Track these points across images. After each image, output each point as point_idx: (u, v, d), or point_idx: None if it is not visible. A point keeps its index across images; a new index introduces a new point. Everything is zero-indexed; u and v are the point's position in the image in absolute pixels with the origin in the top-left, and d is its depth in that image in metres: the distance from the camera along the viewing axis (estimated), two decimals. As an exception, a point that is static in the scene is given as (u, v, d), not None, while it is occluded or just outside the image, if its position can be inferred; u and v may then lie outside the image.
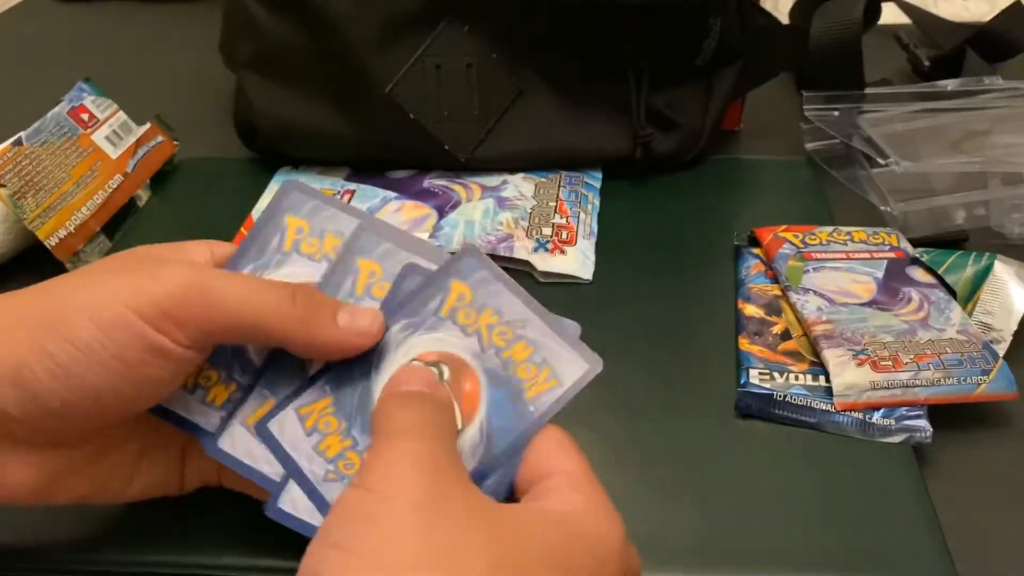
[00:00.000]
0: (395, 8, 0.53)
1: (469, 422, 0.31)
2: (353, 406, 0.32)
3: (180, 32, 0.85)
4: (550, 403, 0.31)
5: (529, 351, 0.32)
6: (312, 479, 0.31)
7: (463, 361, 0.32)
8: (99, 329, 0.28)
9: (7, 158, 0.50)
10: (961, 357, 0.41)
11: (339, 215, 0.34)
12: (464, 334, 0.32)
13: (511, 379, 0.31)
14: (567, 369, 0.31)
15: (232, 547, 0.35)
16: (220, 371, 0.33)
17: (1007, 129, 0.56)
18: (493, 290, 0.33)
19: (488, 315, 0.32)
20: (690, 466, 0.39)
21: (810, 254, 0.48)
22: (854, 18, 0.63)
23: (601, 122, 0.57)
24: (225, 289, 0.29)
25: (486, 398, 0.31)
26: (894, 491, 0.37)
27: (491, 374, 0.31)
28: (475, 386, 0.31)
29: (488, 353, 0.32)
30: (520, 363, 0.31)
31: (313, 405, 0.32)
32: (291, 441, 0.32)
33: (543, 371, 0.31)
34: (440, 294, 0.33)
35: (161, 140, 0.60)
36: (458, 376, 0.31)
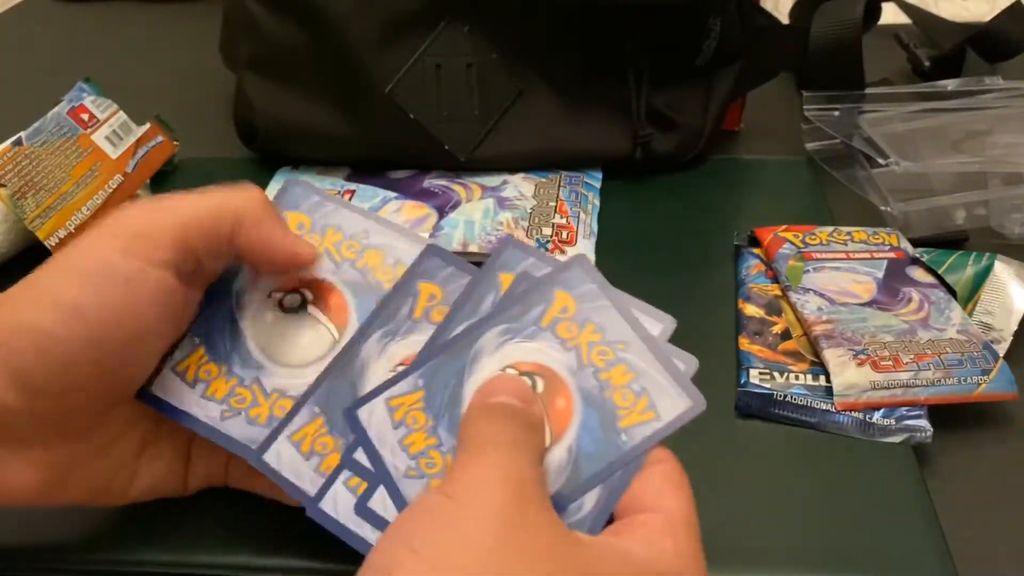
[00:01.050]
0: (395, 8, 0.53)
1: (558, 441, 0.29)
2: (443, 404, 0.31)
3: (180, 32, 0.85)
4: (644, 436, 0.29)
5: (629, 376, 0.30)
6: (393, 473, 0.30)
7: (558, 376, 0.30)
8: (76, 275, 0.29)
9: (7, 158, 0.50)
10: (961, 357, 0.41)
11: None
12: (563, 348, 0.31)
13: (606, 403, 0.30)
14: (667, 403, 0.30)
15: (233, 546, 0.35)
16: (220, 365, 0.33)
17: (1007, 129, 0.56)
18: (599, 306, 0.31)
19: (590, 331, 0.31)
20: (690, 466, 0.39)
21: (810, 254, 0.48)
22: (854, 18, 0.63)
23: (601, 122, 0.57)
24: (185, 198, 0.31)
25: (578, 419, 0.30)
26: (894, 491, 0.37)
27: (586, 394, 0.30)
28: (568, 404, 0.30)
29: (585, 371, 0.30)
30: (618, 388, 0.30)
31: (404, 397, 0.31)
32: (378, 431, 0.31)
33: (641, 400, 0.30)
34: (543, 303, 0.31)
35: (161, 140, 0.60)
36: (552, 391, 0.30)
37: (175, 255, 0.30)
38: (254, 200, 0.32)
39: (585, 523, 0.28)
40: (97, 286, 0.29)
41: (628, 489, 0.28)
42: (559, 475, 0.29)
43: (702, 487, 0.38)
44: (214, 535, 0.35)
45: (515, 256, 0.33)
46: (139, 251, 0.29)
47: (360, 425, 0.31)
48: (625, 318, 0.31)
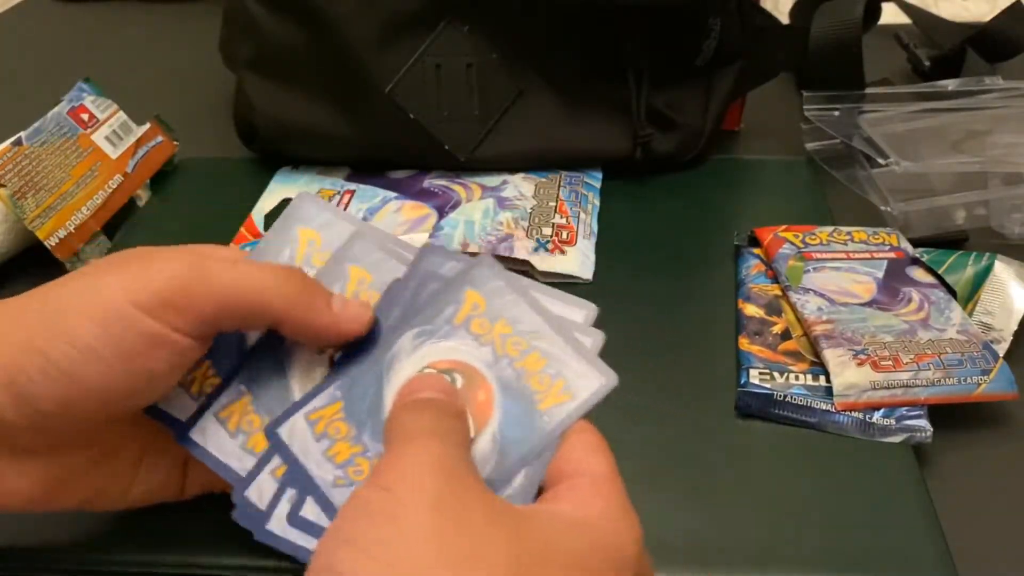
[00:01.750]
0: (395, 8, 0.53)
1: (481, 432, 0.30)
2: (364, 411, 0.31)
3: (180, 32, 0.85)
4: (563, 416, 0.30)
5: (543, 362, 0.31)
6: (321, 485, 0.31)
7: (476, 370, 0.31)
8: (96, 325, 0.28)
9: (7, 158, 0.50)
10: (961, 357, 0.41)
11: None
12: (478, 343, 0.32)
13: (524, 390, 0.31)
14: (581, 382, 0.31)
15: (233, 546, 0.35)
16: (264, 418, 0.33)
17: (1007, 129, 0.56)
18: (508, 300, 0.32)
19: (502, 325, 0.32)
20: (690, 466, 0.39)
21: (810, 254, 0.48)
22: (854, 18, 0.63)
23: (601, 122, 0.57)
24: (223, 270, 0.30)
25: (499, 408, 0.31)
26: (894, 491, 0.37)
27: (504, 384, 0.31)
28: (488, 396, 0.31)
29: (502, 363, 0.31)
30: (534, 374, 0.31)
31: (323, 410, 0.32)
32: (301, 446, 0.31)
33: (557, 383, 0.31)
34: (454, 303, 0.32)
35: (161, 140, 0.60)
36: (471, 385, 0.31)
37: (199, 328, 0.29)
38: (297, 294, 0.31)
39: (515, 498, 0.29)
40: (114, 338, 0.28)
41: (552, 460, 0.29)
42: (486, 462, 0.30)
43: (702, 487, 0.38)
44: (214, 535, 0.35)
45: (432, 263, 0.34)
46: (161, 316, 0.29)
47: (282, 442, 0.31)
48: (533, 308, 0.32)
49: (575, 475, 0.29)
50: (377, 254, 0.34)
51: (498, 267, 0.33)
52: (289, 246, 0.34)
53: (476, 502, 0.25)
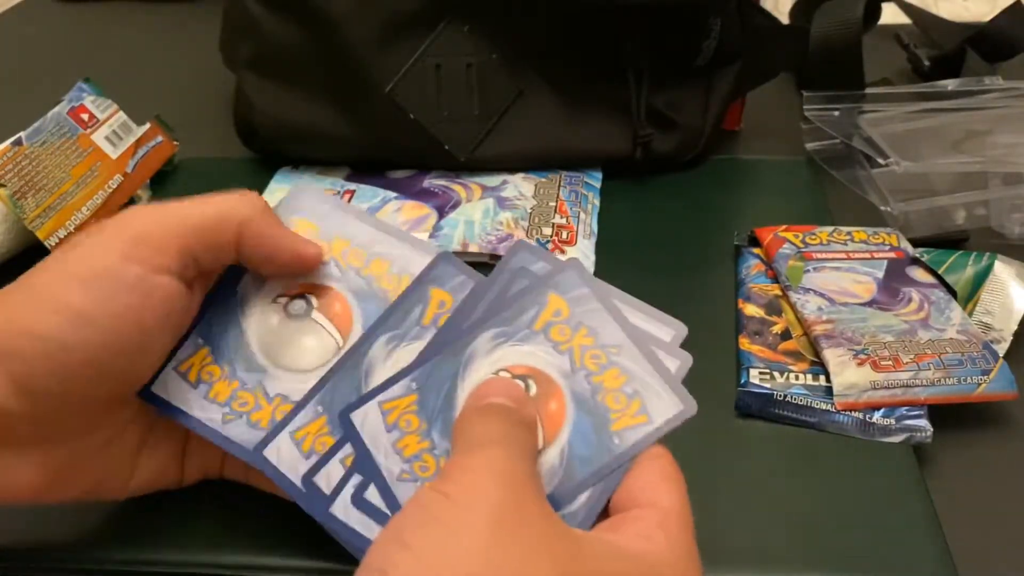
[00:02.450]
0: (395, 8, 0.53)
1: (551, 444, 0.30)
2: (436, 408, 0.31)
3: (180, 32, 0.85)
4: (637, 439, 0.29)
5: (622, 380, 0.30)
6: (387, 476, 0.30)
7: (551, 379, 0.31)
8: (79, 284, 0.28)
9: (7, 158, 0.50)
10: (961, 357, 0.41)
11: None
12: (556, 351, 0.31)
13: (599, 406, 0.30)
14: (658, 406, 0.30)
15: (233, 545, 0.35)
16: (224, 367, 0.33)
17: (1007, 129, 0.56)
18: (591, 309, 0.31)
19: (583, 335, 0.31)
20: (690, 466, 0.39)
21: (810, 254, 0.48)
22: (854, 18, 0.63)
23: (601, 122, 0.57)
24: (188, 202, 0.31)
25: (571, 422, 0.30)
26: (894, 491, 0.37)
27: (579, 398, 0.30)
28: (561, 407, 0.30)
29: (578, 375, 0.30)
30: (610, 391, 0.30)
31: (398, 401, 0.31)
32: (371, 434, 0.31)
33: (633, 404, 0.30)
34: (536, 306, 0.32)
35: (161, 140, 0.60)
36: (544, 394, 0.30)
37: (178, 261, 0.30)
38: (256, 206, 0.32)
39: (576, 518, 0.29)
40: (100, 292, 0.29)
41: (622, 485, 0.29)
42: (552, 477, 0.29)
43: (702, 487, 0.38)
44: (214, 534, 0.35)
45: (523, 259, 0.33)
46: (141, 257, 0.29)
47: (354, 428, 0.31)
48: (618, 321, 0.31)
49: (642, 505, 0.28)
50: (460, 277, 0.33)
51: (586, 274, 0.32)
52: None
53: (534, 519, 0.25)
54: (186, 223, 0.31)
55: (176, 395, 0.33)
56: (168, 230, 0.30)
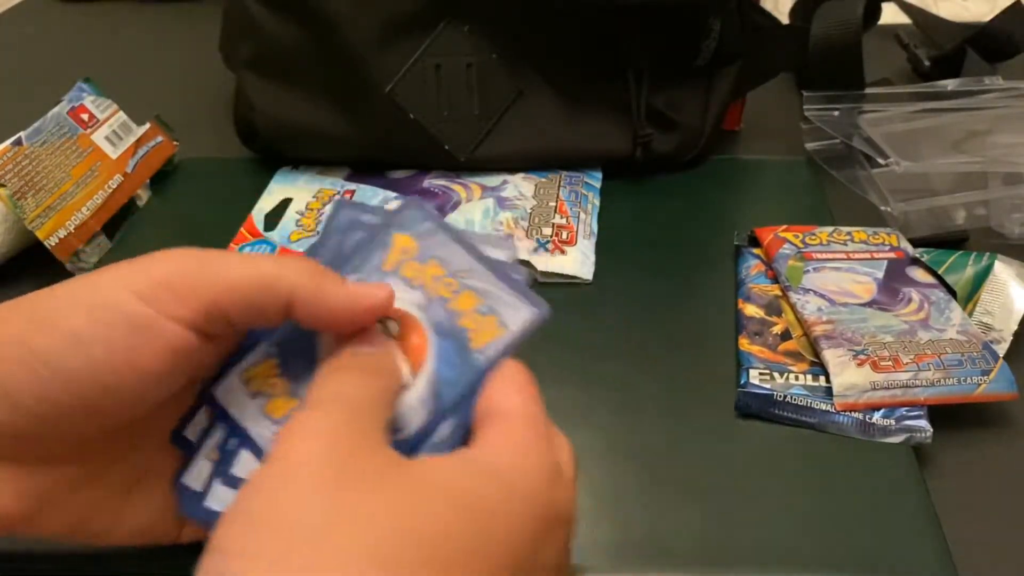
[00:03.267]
0: (395, 8, 0.53)
1: (418, 375, 0.30)
2: (301, 365, 0.31)
3: (180, 32, 0.85)
4: (497, 350, 0.30)
5: (476, 301, 0.31)
6: (260, 442, 0.30)
7: (409, 315, 0.31)
8: (83, 310, 0.27)
9: (7, 158, 0.50)
10: (961, 357, 0.41)
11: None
12: (409, 287, 0.32)
13: (458, 330, 0.31)
14: (513, 315, 0.31)
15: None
16: (287, 382, 0.32)
17: (1007, 129, 0.56)
18: (438, 240, 0.32)
19: (433, 266, 0.32)
20: (690, 466, 0.39)
21: (810, 254, 0.48)
22: (854, 18, 0.63)
23: (601, 122, 0.57)
24: (230, 257, 0.29)
25: (434, 351, 0.31)
26: (894, 491, 0.37)
27: (438, 327, 0.31)
28: (422, 340, 0.31)
29: (434, 305, 0.31)
30: (466, 313, 0.31)
31: (257, 368, 0.32)
32: (237, 405, 0.31)
33: (489, 319, 0.31)
34: (381, 248, 0.32)
35: (161, 140, 0.60)
36: (405, 330, 0.31)
37: (200, 317, 0.28)
38: (308, 271, 0.29)
39: (444, 446, 0.29)
40: (102, 323, 0.27)
41: (478, 401, 0.29)
42: (424, 406, 0.30)
43: (702, 487, 0.38)
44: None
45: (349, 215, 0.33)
46: (156, 301, 0.27)
47: (218, 404, 0.31)
48: (464, 247, 0.32)
49: (491, 415, 0.28)
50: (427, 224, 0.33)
51: (427, 208, 0.33)
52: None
53: (362, 461, 0.25)
54: (222, 280, 0.28)
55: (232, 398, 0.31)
56: (199, 284, 0.28)
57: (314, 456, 0.24)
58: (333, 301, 0.29)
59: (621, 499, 0.37)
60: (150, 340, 0.27)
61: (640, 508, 0.37)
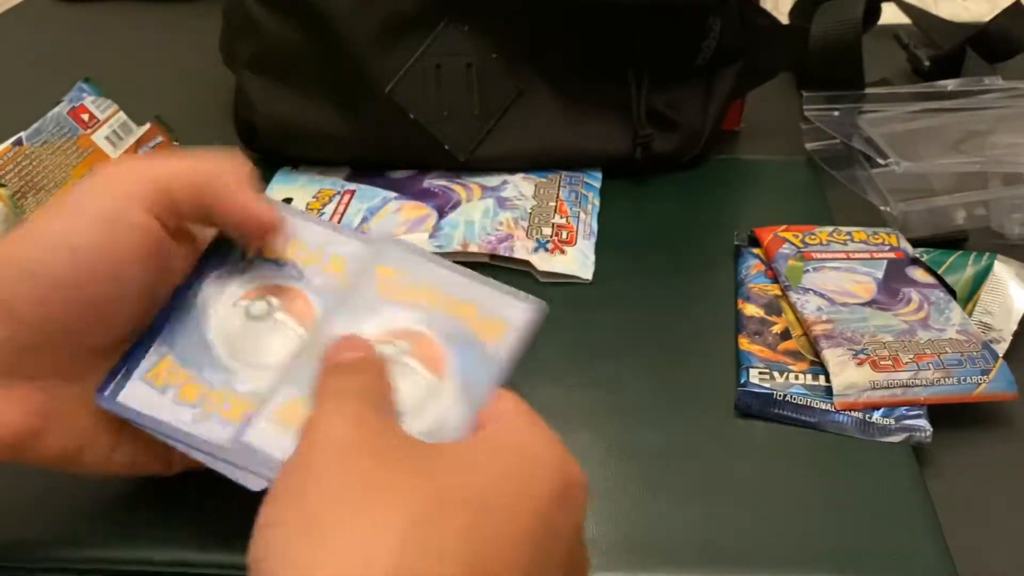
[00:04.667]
0: (395, 8, 0.53)
1: (443, 379, 0.32)
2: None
3: (180, 32, 0.85)
4: (510, 346, 0.33)
5: (474, 307, 0.34)
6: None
7: (415, 331, 0.33)
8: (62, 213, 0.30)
9: (7, 158, 0.50)
10: (961, 357, 0.41)
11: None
12: (407, 308, 0.34)
13: (467, 333, 0.33)
14: (514, 314, 0.33)
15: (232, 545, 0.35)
16: (190, 371, 0.34)
17: (1007, 129, 0.56)
18: (420, 267, 0.35)
19: (424, 288, 0.34)
20: (690, 466, 0.39)
21: (810, 254, 0.48)
22: (854, 18, 0.63)
23: (601, 122, 0.57)
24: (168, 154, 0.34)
25: (452, 356, 0.32)
26: (894, 491, 0.37)
27: (447, 334, 0.33)
28: (437, 348, 0.33)
29: (436, 317, 0.33)
30: (469, 318, 0.33)
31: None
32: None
33: (492, 319, 0.33)
34: (371, 280, 0.34)
35: (161, 140, 0.60)
36: (417, 344, 0.33)
37: (157, 203, 0.31)
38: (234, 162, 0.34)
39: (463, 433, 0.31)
40: (76, 220, 0.30)
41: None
42: (458, 404, 0.31)
43: (702, 487, 0.38)
44: (208, 533, 0.35)
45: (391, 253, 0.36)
46: (120, 192, 0.31)
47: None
48: (444, 267, 0.34)
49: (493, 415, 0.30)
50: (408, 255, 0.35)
51: (401, 241, 0.35)
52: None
53: (383, 441, 0.27)
54: (163, 169, 0.32)
55: (144, 401, 0.33)
56: (143, 173, 0.32)
57: (345, 436, 0.26)
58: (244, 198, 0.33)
59: (621, 499, 0.37)
60: (119, 226, 0.31)
61: (640, 508, 0.37)
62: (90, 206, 0.31)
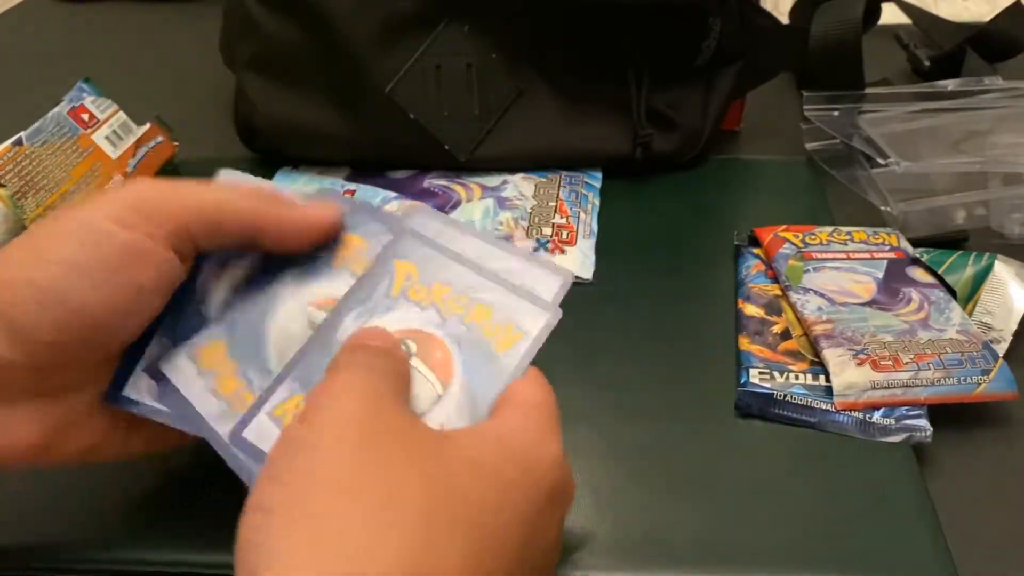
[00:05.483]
0: (395, 8, 0.53)
1: (449, 385, 0.32)
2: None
3: (180, 32, 0.85)
4: (522, 354, 0.32)
5: (489, 311, 0.33)
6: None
7: (427, 333, 0.33)
8: (74, 240, 0.29)
9: (7, 158, 0.50)
10: (961, 357, 0.41)
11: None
12: (421, 308, 0.33)
13: (479, 340, 0.32)
14: (529, 321, 0.33)
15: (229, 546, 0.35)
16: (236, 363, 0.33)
17: (1007, 129, 0.56)
18: (439, 263, 0.34)
19: (439, 288, 0.33)
20: (690, 466, 0.39)
21: (810, 254, 0.48)
22: (854, 18, 0.63)
23: (601, 122, 0.57)
24: (194, 184, 0.32)
25: (460, 362, 0.32)
26: (894, 491, 0.37)
27: (458, 339, 0.32)
28: (445, 353, 0.32)
29: (450, 321, 0.33)
30: (484, 324, 0.33)
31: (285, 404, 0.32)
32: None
33: (507, 327, 0.32)
34: (387, 276, 0.34)
35: (161, 140, 0.60)
36: (426, 347, 0.32)
37: (172, 238, 0.31)
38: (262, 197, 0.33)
39: None
40: (94, 248, 0.29)
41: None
42: (461, 413, 0.31)
43: (702, 487, 0.38)
44: (213, 534, 0.35)
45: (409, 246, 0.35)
46: (134, 223, 0.30)
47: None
48: (466, 266, 0.34)
49: (513, 400, 0.30)
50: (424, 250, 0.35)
51: (422, 235, 0.34)
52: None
53: (395, 427, 0.26)
54: (188, 203, 0.31)
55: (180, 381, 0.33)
56: (164, 206, 0.31)
57: (345, 414, 0.26)
58: (293, 216, 0.33)
59: (621, 499, 0.37)
60: (141, 261, 0.30)
61: (640, 508, 0.37)
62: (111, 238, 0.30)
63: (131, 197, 0.30)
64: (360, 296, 0.33)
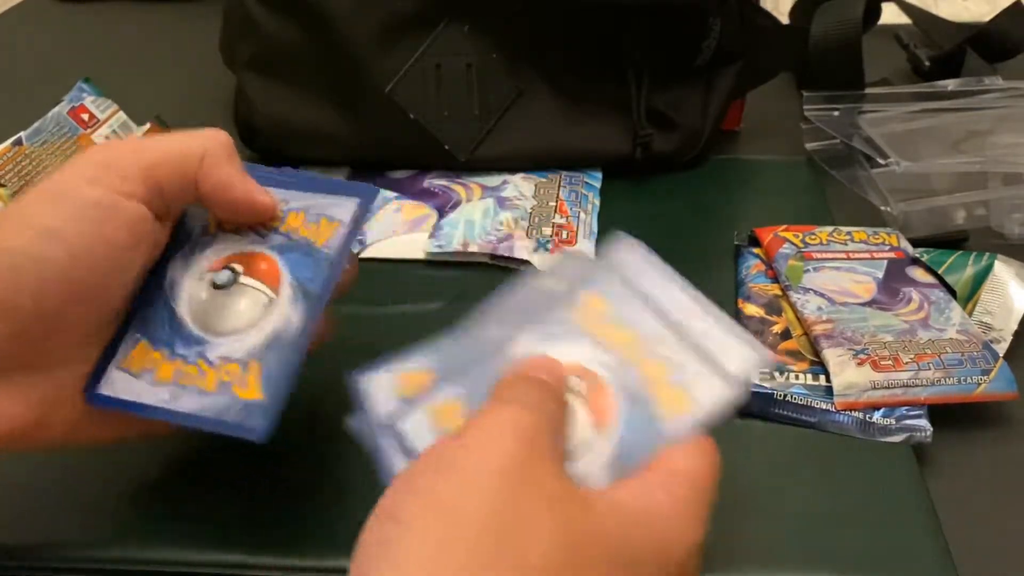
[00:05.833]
0: (395, 8, 0.53)
1: (603, 437, 0.30)
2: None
3: (180, 32, 0.85)
4: (687, 426, 0.30)
5: (667, 371, 0.31)
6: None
7: (597, 376, 0.31)
8: (48, 203, 0.30)
9: (7, 158, 0.50)
10: (961, 357, 0.41)
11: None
12: (601, 348, 0.31)
13: (647, 398, 0.30)
14: (706, 391, 0.30)
15: (231, 544, 0.35)
16: (162, 350, 0.33)
17: (1007, 129, 0.56)
18: (633, 307, 0.32)
19: (626, 330, 0.32)
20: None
21: (810, 254, 0.48)
22: (854, 18, 0.63)
23: (601, 122, 0.57)
24: (151, 138, 0.32)
25: (622, 414, 0.30)
26: (894, 491, 0.37)
27: (626, 391, 0.31)
28: (609, 401, 0.30)
29: (624, 369, 0.31)
30: (657, 382, 0.31)
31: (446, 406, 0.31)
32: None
33: (680, 392, 0.30)
34: (568, 305, 0.32)
35: (161, 140, 0.60)
36: (592, 390, 0.31)
37: (143, 188, 0.31)
38: (220, 142, 0.33)
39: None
40: (68, 210, 0.30)
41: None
42: (607, 471, 0.29)
43: (702, 487, 0.38)
44: (213, 534, 0.35)
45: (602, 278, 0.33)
46: (105, 181, 0.30)
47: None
48: (655, 313, 0.32)
49: (667, 467, 0.28)
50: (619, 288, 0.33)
51: (619, 271, 0.33)
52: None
53: (546, 477, 0.25)
54: (149, 154, 0.32)
55: (124, 389, 0.33)
56: (132, 159, 0.31)
57: (502, 454, 0.25)
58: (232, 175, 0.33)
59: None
60: (112, 216, 0.30)
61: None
62: (81, 196, 0.30)
63: (99, 155, 0.31)
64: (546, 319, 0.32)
